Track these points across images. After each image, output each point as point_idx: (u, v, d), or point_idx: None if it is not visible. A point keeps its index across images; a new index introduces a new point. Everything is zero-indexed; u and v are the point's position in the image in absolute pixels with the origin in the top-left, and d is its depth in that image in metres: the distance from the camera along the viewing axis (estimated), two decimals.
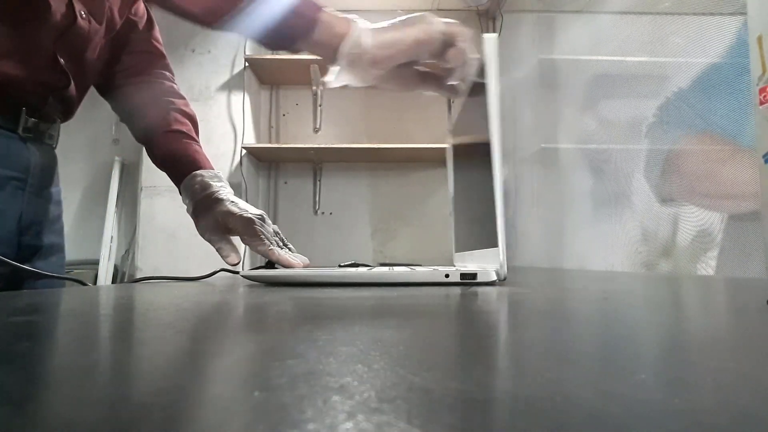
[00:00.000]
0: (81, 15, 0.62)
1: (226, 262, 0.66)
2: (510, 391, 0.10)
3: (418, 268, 0.50)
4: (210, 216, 0.65)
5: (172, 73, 0.82)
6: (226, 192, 0.68)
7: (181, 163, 0.71)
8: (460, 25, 0.53)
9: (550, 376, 0.12)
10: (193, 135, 0.77)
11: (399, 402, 0.10)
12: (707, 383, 0.12)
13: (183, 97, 0.80)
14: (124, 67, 0.77)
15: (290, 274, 0.50)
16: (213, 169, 0.72)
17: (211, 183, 0.68)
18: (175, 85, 0.81)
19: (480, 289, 0.40)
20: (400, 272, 0.48)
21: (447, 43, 0.51)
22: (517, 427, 0.08)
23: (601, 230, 1.20)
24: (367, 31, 0.51)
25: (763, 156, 0.31)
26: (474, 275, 0.45)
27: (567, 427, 0.08)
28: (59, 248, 0.72)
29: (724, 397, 0.10)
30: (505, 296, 0.35)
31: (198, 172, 0.69)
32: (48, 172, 0.69)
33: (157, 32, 0.82)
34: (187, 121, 0.77)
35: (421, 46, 0.51)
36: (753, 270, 0.73)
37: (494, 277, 0.45)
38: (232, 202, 0.66)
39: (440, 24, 0.51)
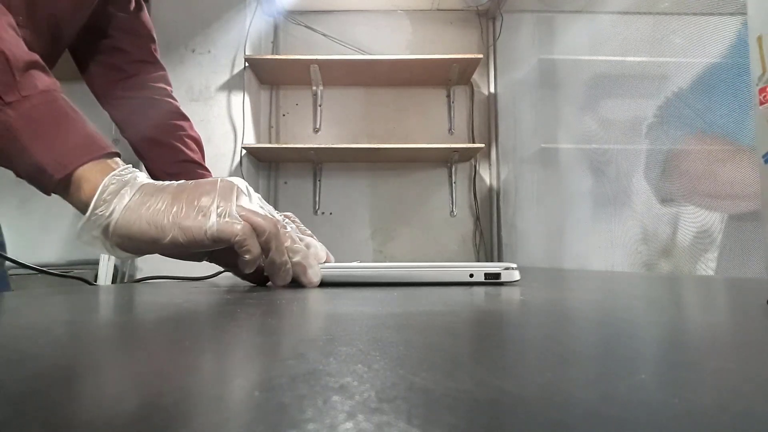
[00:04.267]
0: None
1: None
2: (513, 392, 0.10)
3: (441, 267, 0.49)
4: None
5: (171, 86, 0.83)
6: None
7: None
8: (240, 226, 0.39)
9: (549, 375, 0.12)
10: (203, 163, 0.78)
11: (399, 402, 0.09)
12: (707, 383, 0.12)
13: (188, 119, 0.81)
14: (124, 76, 0.76)
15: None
16: None
17: None
18: (177, 102, 0.81)
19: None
20: (423, 272, 0.47)
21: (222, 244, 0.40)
22: (517, 427, 0.08)
23: (601, 230, 1.20)
24: (125, 205, 0.38)
25: (763, 156, 0.31)
26: (498, 275, 0.45)
27: (567, 427, 0.08)
28: None
29: (724, 398, 0.10)
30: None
31: None
32: None
33: (154, 40, 0.80)
34: (197, 148, 0.79)
35: (179, 248, 0.39)
36: (753, 270, 0.73)
37: (517, 277, 0.45)
38: None
39: (213, 226, 0.38)
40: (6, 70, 0.39)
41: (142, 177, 0.41)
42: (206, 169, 0.78)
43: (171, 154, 0.76)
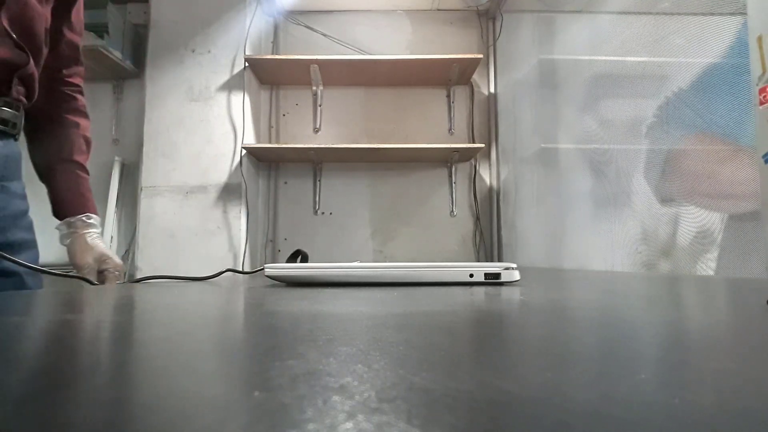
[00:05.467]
0: None
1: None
2: (513, 392, 0.10)
3: (441, 267, 0.49)
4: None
5: (83, 78, 0.85)
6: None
7: (75, 202, 0.81)
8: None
9: (549, 375, 0.12)
10: (85, 164, 0.84)
11: (399, 402, 0.09)
12: (707, 383, 0.12)
13: (87, 116, 0.86)
14: (46, 69, 0.76)
15: (310, 274, 0.49)
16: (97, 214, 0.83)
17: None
18: (81, 102, 0.84)
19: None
20: (423, 272, 0.47)
21: None
22: (517, 428, 0.08)
23: (601, 230, 1.20)
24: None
25: (763, 156, 0.31)
26: (498, 275, 0.45)
27: (567, 427, 0.08)
28: (30, 244, 0.71)
29: (724, 398, 0.10)
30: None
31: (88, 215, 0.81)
32: (11, 165, 0.67)
33: (79, 31, 0.81)
34: (86, 149, 0.84)
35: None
36: (753, 270, 0.73)
37: (517, 277, 0.46)
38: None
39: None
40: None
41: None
42: (85, 171, 0.84)
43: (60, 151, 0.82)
